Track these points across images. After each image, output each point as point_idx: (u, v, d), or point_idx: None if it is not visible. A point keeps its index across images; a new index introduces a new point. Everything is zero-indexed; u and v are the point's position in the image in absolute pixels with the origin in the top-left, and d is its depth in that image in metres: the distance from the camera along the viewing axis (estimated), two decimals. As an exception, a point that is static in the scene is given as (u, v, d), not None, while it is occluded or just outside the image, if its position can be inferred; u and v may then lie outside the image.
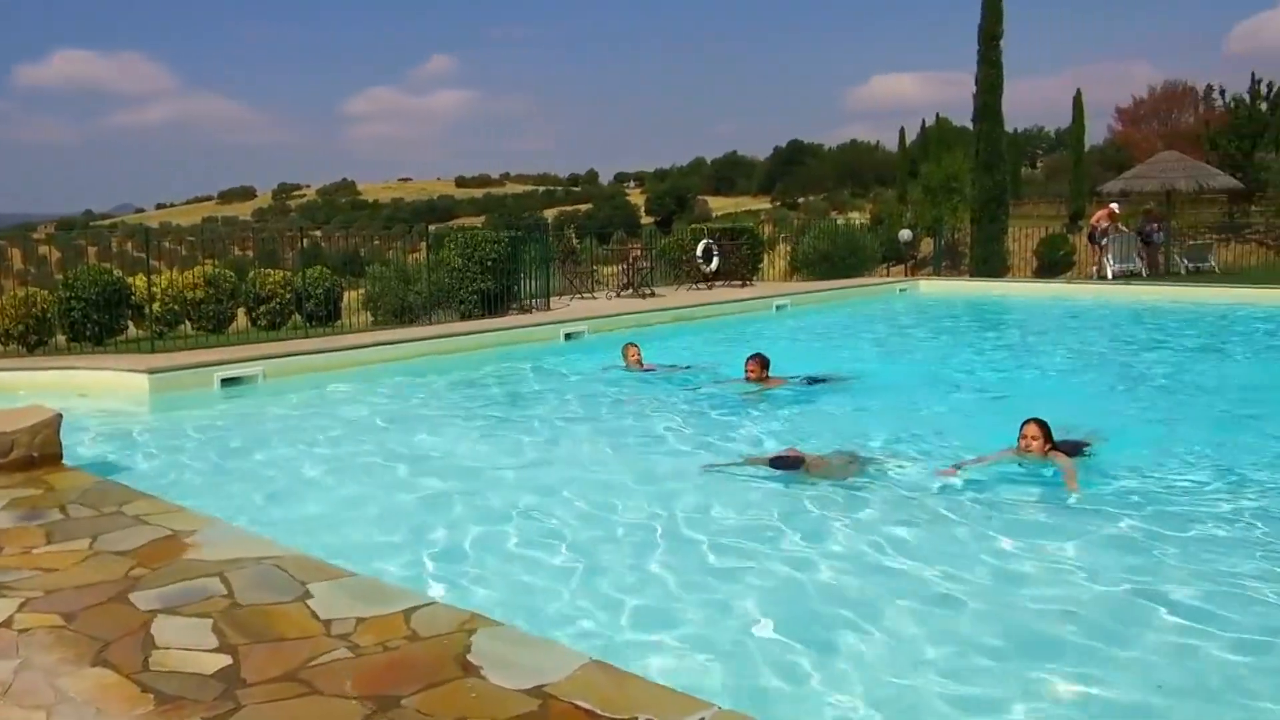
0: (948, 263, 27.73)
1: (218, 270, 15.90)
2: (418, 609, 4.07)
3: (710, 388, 10.77)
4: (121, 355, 12.28)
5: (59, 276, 15.83)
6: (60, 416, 6.89)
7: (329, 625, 3.91)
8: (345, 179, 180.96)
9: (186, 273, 15.76)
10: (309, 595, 4.22)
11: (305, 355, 12.11)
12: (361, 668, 3.54)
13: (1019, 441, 7.19)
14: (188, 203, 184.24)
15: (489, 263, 15.95)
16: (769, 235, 29.63)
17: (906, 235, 26.63)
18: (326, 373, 11.70)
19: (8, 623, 4.00)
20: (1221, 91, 38.71)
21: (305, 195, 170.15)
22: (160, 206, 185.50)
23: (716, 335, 15.97)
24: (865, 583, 5.19)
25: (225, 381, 10.93)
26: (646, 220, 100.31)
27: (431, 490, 7.09)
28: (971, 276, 24.96)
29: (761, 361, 10.46)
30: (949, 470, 7.28)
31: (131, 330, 14.77)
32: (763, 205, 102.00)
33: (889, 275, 26.78)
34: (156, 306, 14.23)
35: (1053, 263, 26.08)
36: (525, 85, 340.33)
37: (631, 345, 12.05)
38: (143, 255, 15.18)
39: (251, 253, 20.36)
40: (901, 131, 51.83)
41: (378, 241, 22.44)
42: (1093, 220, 25.31)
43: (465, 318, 15.73)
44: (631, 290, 19.98)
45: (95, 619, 4.02)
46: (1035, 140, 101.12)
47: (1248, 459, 7.72)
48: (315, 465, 7.85)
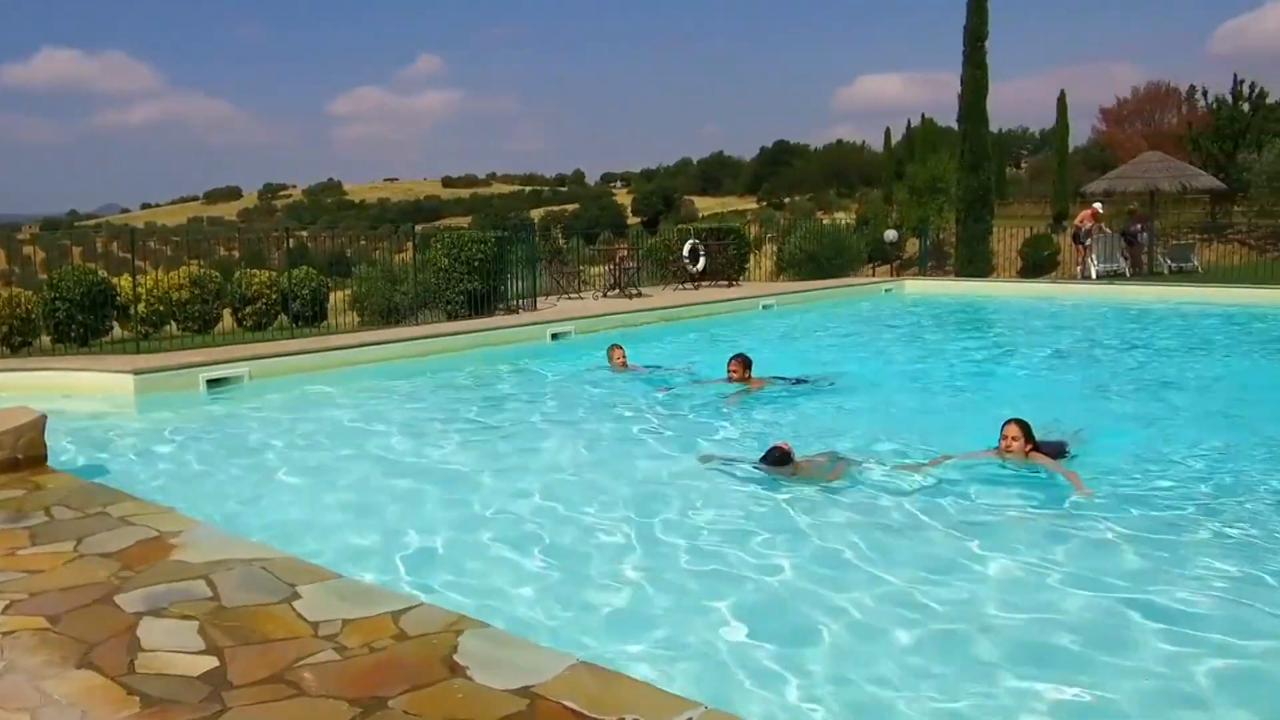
0: (933, 263, 27.87)
1: (203, 271, 15.87)
2: (405, 610, 4.08)
3: (693, 388, 10.80)
4: (107, 356, 12.24)
5: (44, 277, 15.77)
6: (45, 418, 6.88)
7: (316, 626, 3.92)
8: (331, 179, 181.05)
9: (172, 273, 15.73)
10: (296, 596, 4.23)
11: (291, 356, 12.08)
12: (348, 669, 3.55)
13: (1000, 442, 7.21)
14: (173, 203, 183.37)
15: (475, 263, 15.94)
16: (755, 235, 29.67)
17: (892, 235, 26.75)
18: (312, 373, 11.68)
19: (-7, 625, 3.99)
20: (1204, 92, 39.17)
21: (291, 195, 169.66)
22: (145, 206, 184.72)
23: (703, 335, 16.00)
24: (847, 585, 5.21)
25: (211, 383, 10.90)
26: (633, 220, 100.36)
27: (414, 491, 7.08)
28: (957, 276, 25.06)
29: (744, 362, 10.48)
30: (928, 463, 7.33)
31: (117, 331, 14.73)
32: (749, 205, 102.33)
33: (875, 275, 26.87)
34: (142, 307, 14.20)
35: (1037, 263, 26.23)
36: (512, 85, 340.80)
37: (616, 346, 12.10)
38: (128, 256, 15.14)
39: (237, 253, 20.33)
40: (887, 132, 52.20)
41: (364, 242, 22.45)
42: (1076, 221, 25.48)
43: (452, 318, 15.71)
44: (618, 290, 19.99)
45: (80, 621, 4.01)
46: (1020, 141, 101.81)
47: (1231, 458, 7.77)
48: (300, 466, 7.84)
